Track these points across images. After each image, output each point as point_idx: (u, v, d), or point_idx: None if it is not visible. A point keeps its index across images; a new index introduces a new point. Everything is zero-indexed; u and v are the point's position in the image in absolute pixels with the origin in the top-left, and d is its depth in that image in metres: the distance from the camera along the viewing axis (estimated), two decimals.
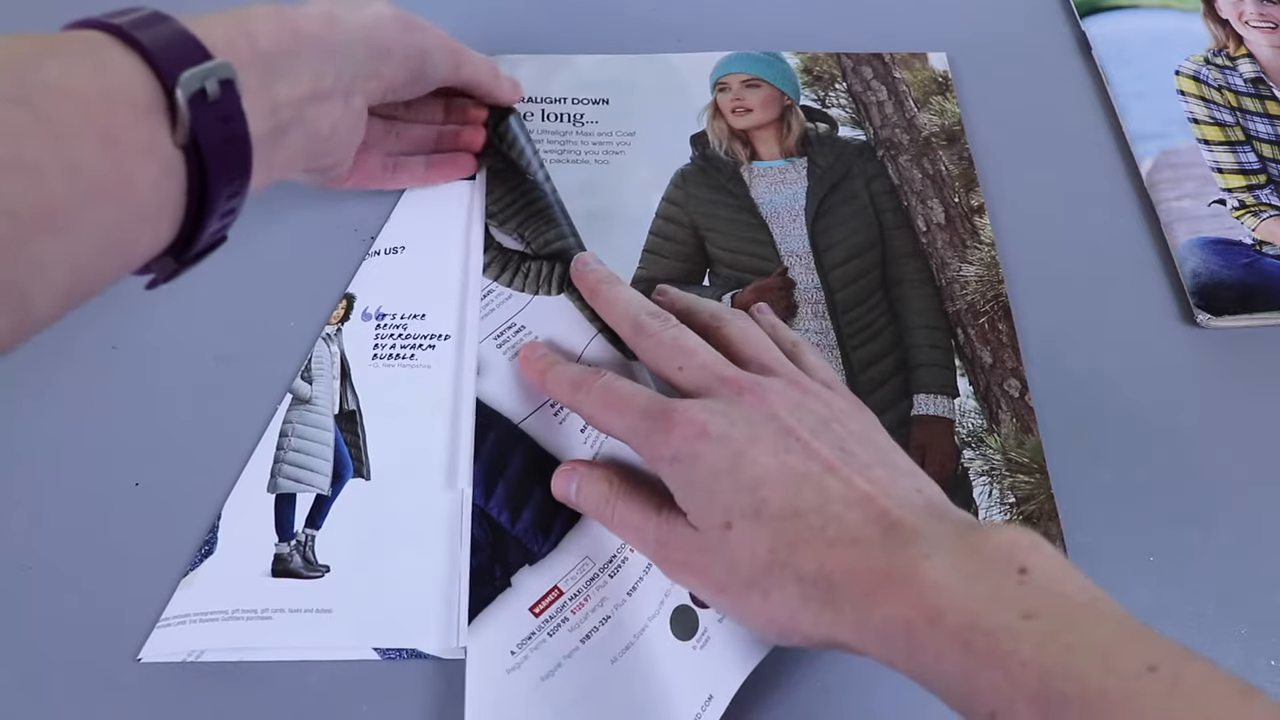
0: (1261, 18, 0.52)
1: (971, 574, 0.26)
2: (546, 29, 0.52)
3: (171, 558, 0.37)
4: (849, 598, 0.27)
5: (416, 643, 0.35)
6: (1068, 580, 0.26)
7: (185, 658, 0.35)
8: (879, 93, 0.50)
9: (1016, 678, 0.24)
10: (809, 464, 0.30)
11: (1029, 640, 0.24)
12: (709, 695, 0.33)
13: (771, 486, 0.30)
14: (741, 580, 0.30)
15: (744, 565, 0.30)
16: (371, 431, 0.40)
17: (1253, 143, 0.48)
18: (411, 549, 0.37)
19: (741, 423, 0.31)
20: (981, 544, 0.27)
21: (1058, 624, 0.24)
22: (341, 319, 0.42)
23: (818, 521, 0.29)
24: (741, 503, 0.30)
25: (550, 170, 0.46)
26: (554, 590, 0.36)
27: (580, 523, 0.37)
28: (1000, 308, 0.43)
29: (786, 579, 0.29)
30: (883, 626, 0.27)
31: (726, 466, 0.30)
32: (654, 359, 0.35)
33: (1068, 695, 0.23)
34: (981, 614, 0.25)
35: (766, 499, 0.29)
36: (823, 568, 0.28)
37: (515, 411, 0.39)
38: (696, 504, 0.31)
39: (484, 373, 0.40)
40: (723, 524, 0.30)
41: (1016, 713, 0.24)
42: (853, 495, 0.29)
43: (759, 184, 0.47)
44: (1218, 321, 0.43)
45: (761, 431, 0.31)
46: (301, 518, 0.38)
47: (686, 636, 0.34)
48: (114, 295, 0.43)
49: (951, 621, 0.25)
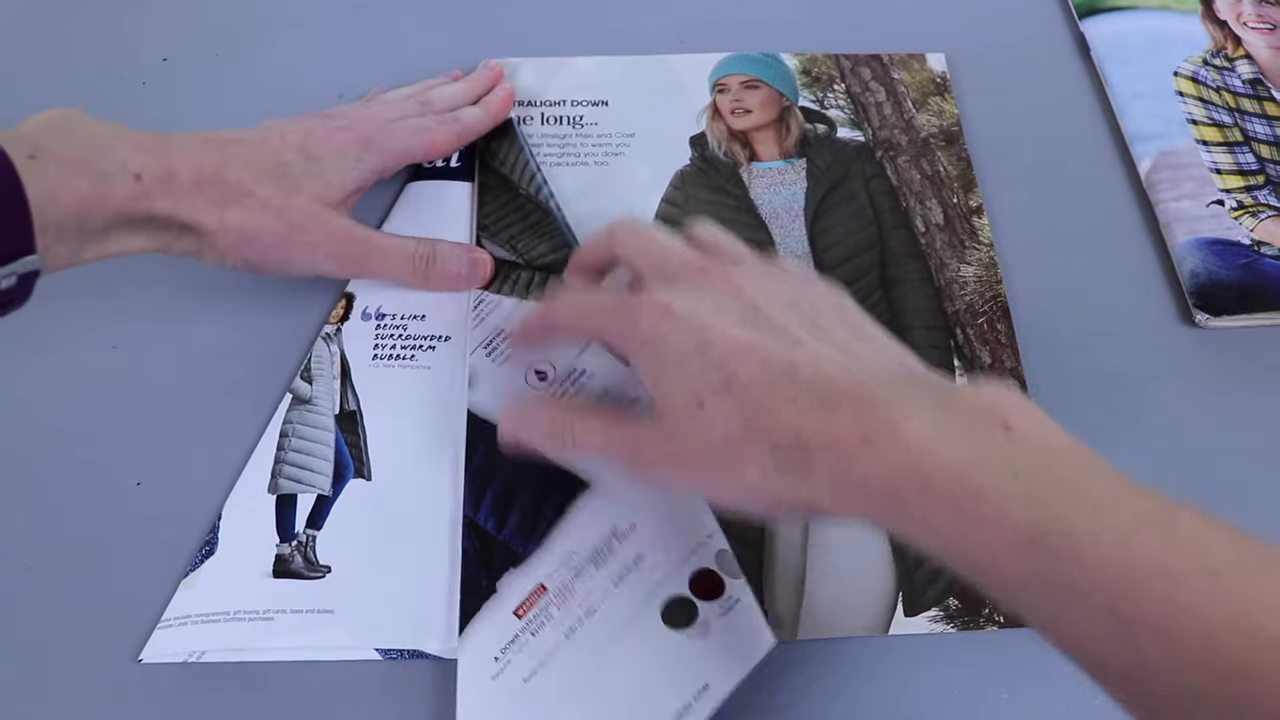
0: (1260, 19, 0.52)
1: (956, 433, 0.26)
2: (546, 31, 0.52)
3: (172, 558, 0.37)
4: (826, 462, 0.27)
5: (418, 643, 0.35)
6: (1052, 435, 0.26)
7: (186, 658, 0.35)
8: (877, 94, 0.50)
9: (1006, 535, 0.24)
10: (778, 338, 0.30)
11: (1017, 497, 0.24)
12: (704, 684, 0.33)
13: (740, 360, 0.29)
14: (716, 456, 0.29)
15: (718, 440, 0.29)
16: (372, 432, 0.40)
17: (1251, 143, 0.48)
18: (413, 549, 0.37)
19: (707, 300, 0.31)
20: (964, 402, 0.27)
21: (1045, 480, 0.24)
22: (341, 318, 0.42)
23: (789, 391, 0.28)
24: (712, 379, 0.29)
25: (550, 173, 0.47)
26: (538, 589, 0.36)
27: (565, 518, 0.37)
28: (999, 308, 0.43)
29: (760, 449, 0.28)
30: (863, 487, 0.26)
31: (694, 344, 0.30)
32: (629, 258, 0.35)
33: (1059, 550, 0.23)
34: (969, 474, 0.25)
35: (736, 372, 0.29)
36: (798, 434, 0.28)
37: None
38: (668, 386, 0.31)
39: (475, 383, 0.40)
40: (695, 403, 0.30)
41: (1006, 568, 0.24)
42: (825, 365, 0.29)
43: (758, 185, 0.47)
44: (1216, 322, 0.43)
45: (727, 307, 0.31)
46: (303, 518, 0.38)
47: (683, 626, 0.34)
48: (114, 295, 0.43)
49: (939, 483, 0.25)
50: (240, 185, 0.37)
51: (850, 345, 0.30)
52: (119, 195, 0.34)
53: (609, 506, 0.37)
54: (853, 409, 0.27)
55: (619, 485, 0.37)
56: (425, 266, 0.42)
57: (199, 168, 0.36)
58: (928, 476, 0.25)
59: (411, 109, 0.45)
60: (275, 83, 0.50)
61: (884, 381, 0.28)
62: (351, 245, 0.41)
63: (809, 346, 0.29)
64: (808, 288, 0.33)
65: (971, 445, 0.25)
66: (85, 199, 0.33)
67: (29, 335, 0.42)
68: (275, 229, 0.38)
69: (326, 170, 0.40)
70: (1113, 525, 0.23)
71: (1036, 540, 0.23)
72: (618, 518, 0.37)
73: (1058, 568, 0.23)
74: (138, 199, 0.35)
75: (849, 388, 0.28)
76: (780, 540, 0.38)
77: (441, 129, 0.44)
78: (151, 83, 0.50)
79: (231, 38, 0.52)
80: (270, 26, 0.52)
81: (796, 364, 0.29)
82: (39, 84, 0.49)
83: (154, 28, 0.52)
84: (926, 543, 0.26)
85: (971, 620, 0.36)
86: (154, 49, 0.51)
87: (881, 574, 0.37)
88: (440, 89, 0.47)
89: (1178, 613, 0.21)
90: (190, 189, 0.36)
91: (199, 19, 0.53)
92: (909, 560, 0.37)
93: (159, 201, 0.35)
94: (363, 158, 0.42)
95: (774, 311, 0.31)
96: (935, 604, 0.37)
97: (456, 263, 0.42)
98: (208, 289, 0.43)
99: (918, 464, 0.25)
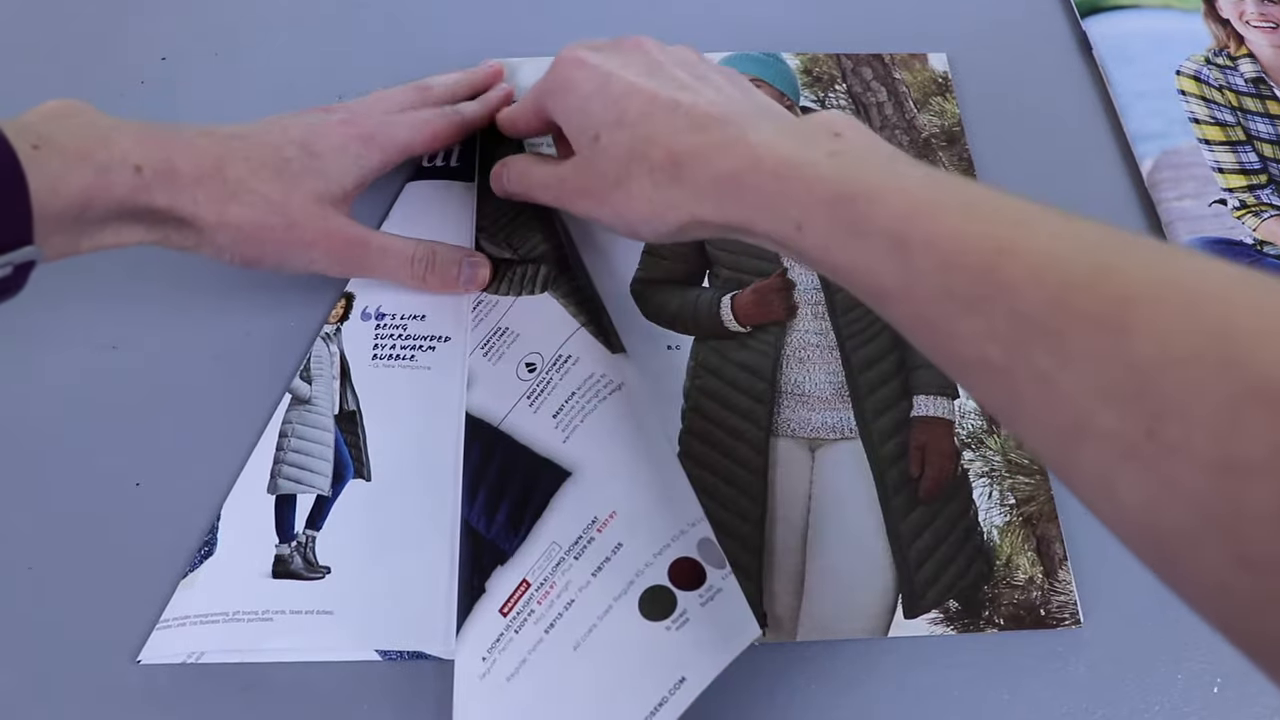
0: (1262, 17, 0.52)
1: (791, 136, 0.31)
2: (546, 31, 0.52)
3: (172, 558, 0.37)
4: (692, 171, 0.32)
5: (418, 645, 0.35)
6: (875, 141, 0.31)
7: (185, 659, 0.35)
8: (879, 94, 0.50)
9: (815, 190, 0.29)
10: (669, 83, 0.35)
11: (830, 166, 0.29)
12: (680, 677, 0.32)
13: (631, 99, 0.35)
14: (610, 181, 0.35)
15: (611, 168, 0.35)
16: (372, 432, 0.40)
17: (1254, 142, 0.48)
18: (413, 550, 0.37)
19: (614, 55, 0.37)
20: (804, 120, 0.32)
21: (857, 158, 0.29)
22: (341, 318, 0.42)
23: (668, 122, 0.34)
24: (607, 116, 0.35)
25: None
26: (522, 584, 0.35)
27: (548, 509, 0.36)
28: None
29: (642, 170, 0.34)
30: (717, 183, 0.32)
31: (596, 87, 0.36)
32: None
33: (854, 194, 0.28)
34: (793, 155, 0.30)
35: (627, 109, 0.35)
36: (670, 152, 0.33)
37: (495, 414, 0.39)
38: (573, 124, 0.37)
39: (473, 384, 0.40)
40: (593, 137, 0.36)
41: (815, 216, 0.29)
42: (701, 102, 0.34)
43: None
44: None
45: (631, 60, 0.37)
46: (302, 519, 0.38)
47: (660, 617, 0.33)
48: (114, 295, 0.43)
49: (768, 164, 0.30)
50: (240, 181, 0.37)
51: (727, 90, 0.35)
52: (119, 188, 0.34)
53: (590, 494, 0.36)
54: (717, 129, 0.32)
55: (601, 473, 0.37)
56: (423, 269, 0.42)
57: (199, 162, 0.36)
58: (760, 159, 0.31)
59: (411, 98, 0.45)
60: (274, 82, 0.50)
61: (747, 112, 0.33)
62: (350, 245, 0.40)
63: (694, 90, 0.35)
64: (712, 63, 0.38)
65: (801, 140, 0.31)
66: (86, 191, 0.33)
67: (29, 335, 0.42)
68: (274, 226, 0.38)
69: (328, 167, 0.40)
70: (905, 176, 0.28)
71: (839, 189, 0.28)
72: (599, 506, 0.36)
73: (852, 206, 0.28)
74: (137, 191, 0.35)
75: (717, 115, 0.33)
76: (779, 540, 0.38)
77: (442, 120, 0.44)
78: (150, 82, 0.50)
79: (231, 37, 0.52)
80: (269, 26, 0.52)
81: (679, 101, 0.34)
82: (38, 82, 0.49)
83: (153, 27, 0.52)
84: (758, 216, 0.31)
85: (971, 623, 0.36)
86: (153, 48, 0.51)
87: (881, 576, 0.37)
88: (436, 77, 0.47)
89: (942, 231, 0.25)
90: (190, 183, 0.36)
91: (198, 18, 0.53)
92: (909, 563, 0.37)
93: (159, 195, 0.35)
94: (363, 155, 0.42)
95: (671, 66, 0.36)
96: (935, 606, 0.37)
97: (455, 266, 0.42)
98: (207, 289, 0.43)
99: (756, 155, 0.31)
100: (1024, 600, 0.37)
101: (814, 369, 0.42)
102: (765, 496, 0.39)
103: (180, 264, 0.43)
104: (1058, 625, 0.36)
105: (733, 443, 0.40)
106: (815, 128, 0.31)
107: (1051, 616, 0.37)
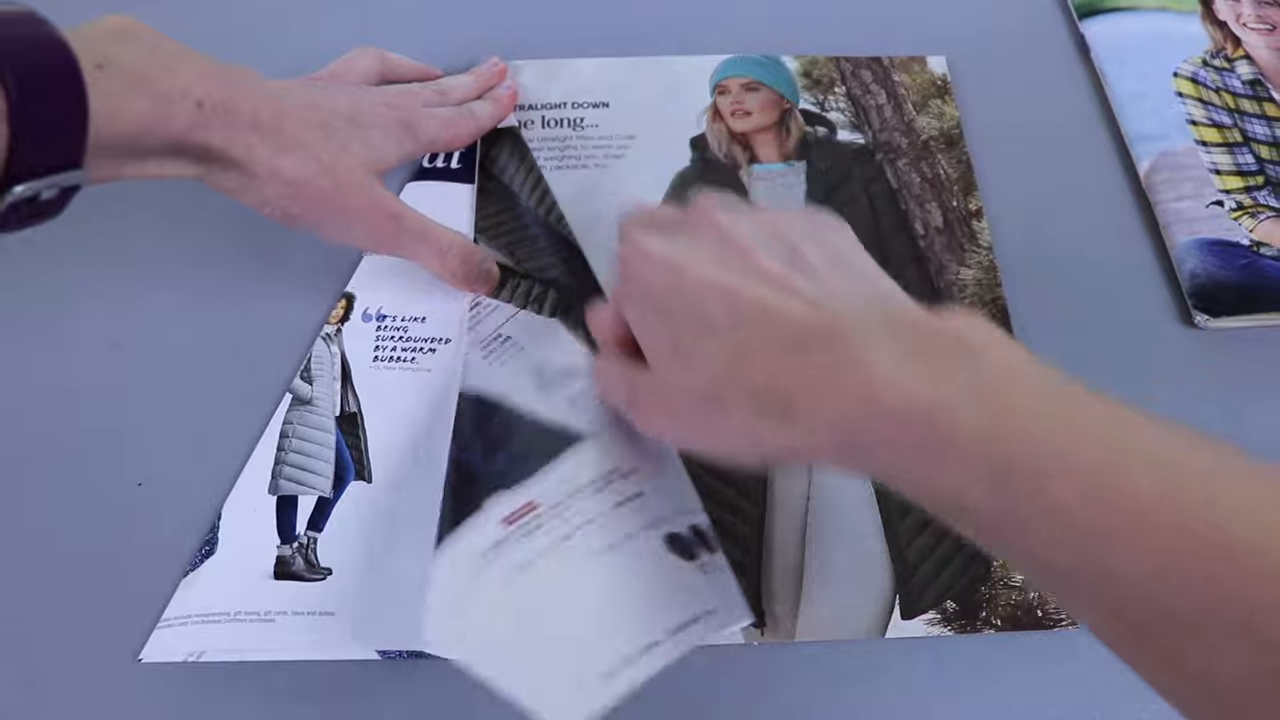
0: (1259, 20, 0.52)
1: (917, 360, 0.25)
2: (547, 33, 0.52)
3: (173, 558, 0.37)
4: (800, 405, 0.27)
5: (419, 644, 0.35)
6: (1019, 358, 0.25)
7: (186, 658, 0.35)
8: (878, 96, 0.50)
9: (961, 452, 0.23)
10: (752, 275, 0.29)
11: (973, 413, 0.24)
12: (707, 609, 0.31)
13: (712, 300, 0.29)
14: (698, 402, 0.29)
15: (698, 385, 0.29)
16: (373, 434, 0.40)
17: (1250, 144, 0.48)
18: (415, 552, 0.37)
19: (682, 241, 0.31)
20: (931, 333, 0.26)
21: (1006, 394, 0.24)
22: (341, 318, 0.43)
23: (762, 332, 0.28)
24: (688, 321, 0.30)
25: (551, 177, 0.47)
26: (528, 505, 0.34)
27: (560, 458, 0.35)
28: (998, 311, 0.43)
29: (739, 393, 0.28)
30: (834, 429, 0.26)
31: (668, 285, 0.30)
32: (625, 232, 0.34)
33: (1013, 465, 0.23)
34: (923, 395, 0.24)
35: (709, 313, 0.29)
36: (772, 378, 0.27)
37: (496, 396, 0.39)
38: (650, 331, 0.31)
39: (468, 377, 0.40)
40: (673, 347, 0.30)
41: (968, 488, 0.23)
42: (796, 306, 0.28)
43: (758, 187, 0.47)
44: (1216, 323, 0.43)
45: (704, 247, 0.31)
46: (303, 520, 0.38)
47: (688, 558, 0.32)
48: (115, 295, 0.43)
49: (894, 408, 0.25)
50: (295, 136, 0.37)
51: (825, 276, 0.29)
52: (178, 120, 0.34)
53: (611, 451, 0.35)
54: (822, 348, 0.27)
55: (621, 438, 0.36)
56: (456, 262, 0.41)
57: (256, 108, 0.36)
58: (884, 402, 0.25)
59: (433, 99, 0.46)
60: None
61: (854, 316, 0.27)
62: (389, 219, 0.40)
63: (784, 284, 0.29)
64: (793, 219, 0.32)
65: (931, 369, 0.25)
66: (145, 119, 0.33)
67: (30, 334, 0.42)
68: (322, 186, 0.38)
69: (371, 140, 0.41)
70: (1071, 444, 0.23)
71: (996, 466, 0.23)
72: (620, 460, 0.35)
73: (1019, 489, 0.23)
74: (194, 128, 0.34)
75: (817, 326, 0.27)
76: (778, 541, 0.38)
77: (462, 123, 0.45)
78: None
79: (231, 37, 0.52)
80: (270, 26, 0.53)
81: (767, 304, 0.28)
82: None
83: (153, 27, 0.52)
84: (896, 477, 0.26)
85: (969, 624, 0.36)
86: None
87: (879, 577, 0.37)
88: (452, 79, 0.48)
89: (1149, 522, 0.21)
90: (247, 126, 0.36)
91: (198, 18, 0.53)
92: (907, 563, 0.38)
93: (215, 133, 0.35)
94: (402, 140, 0.42)
95: (751, 247, 0.30)
96: (932, 607, 0.37)
97: (484, 261, 0.42)
98: (208, 288, 0.43)
99: (875, 393, 0.25)
100: (1021, 601, 0.37)
101: None
102: (764, 497, 0.39)
103: (181, 264, 0.43)
104: (1055, 626, 0.37)
105: None
106: (946, 343, 0.25)
107: (1049, 617, 0.37)
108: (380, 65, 0.46)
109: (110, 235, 0.44)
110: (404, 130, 0.42)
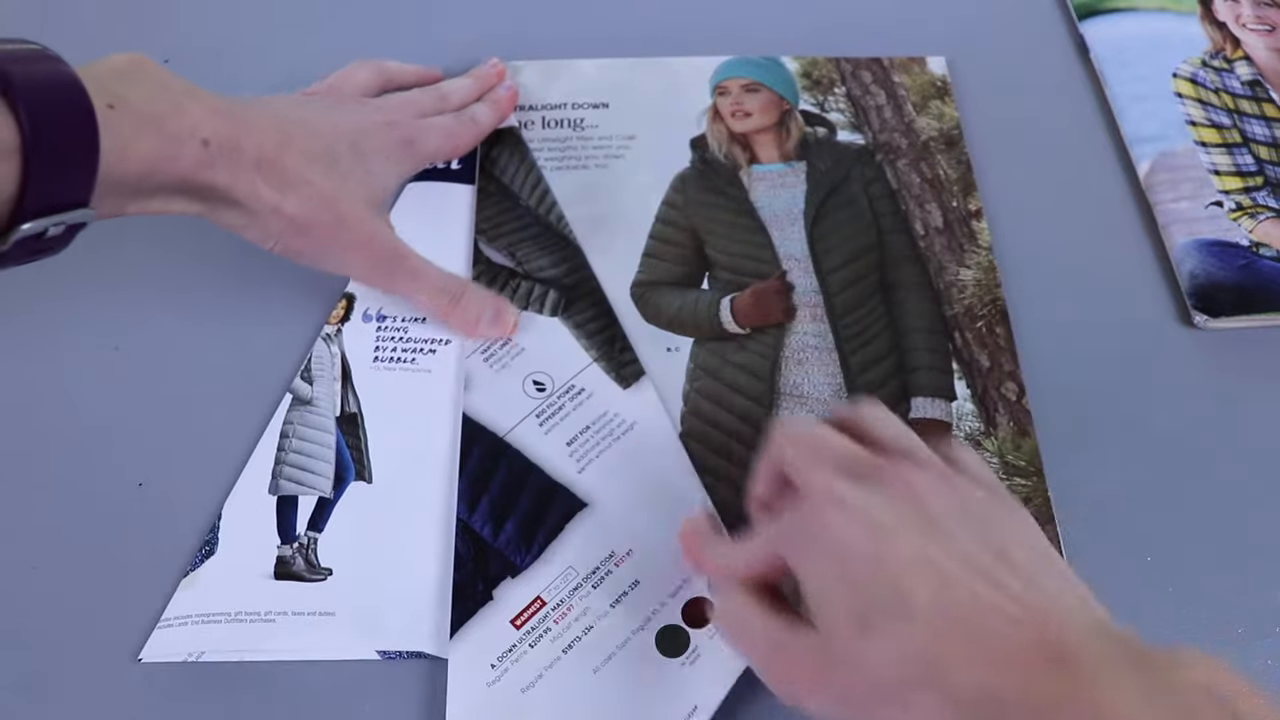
0: (1259, 20, 0.52)
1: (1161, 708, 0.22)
2: (548, 33, 0.52)
3: (174, 558, 0.37)
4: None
5: (419, 644, 0.35)
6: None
7: (186, 658, 0.35)
8: (878, 97, 0.50)
9: None
10: (959, 559, 0.26)
11: None
12: (693, 706, 0.33)
13: (919, 578, 0.25)
14: (877, 692, 0.25)
15: (883, 674, 0.25)
16: (373, 435, 0.40)
17: (1249, 145, 0.48)
18: (415, 552, 0.37)
19: (879, 501, 0.27)
20: (1176, 680, 0.23)
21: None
22: (341, 319, 0.43)
23: (974, 634, 0.24)
24: (883, 595, 0.25)
25: (551, 177, 0.47)
26: (536, 601, 0.36)
27: (563, 533, 0.37)
28: (998, 311, 0.43)
29: (937, 695, 0.24)
30: None
31: (863, 547, 0.26)
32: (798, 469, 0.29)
33: None
34: None
35: (913, 592, 0.25)
36: (987, 690, 0.23)
37: (500, 424, 0.40)
38: (828, 594, 0.26)
39: (471, 387, 0.40)
40: (859, 621, 0.25)
41: None
42: (1014, 608, 0.25)
43: (758, 188, 0.47)
44: (1215, 323, 0.43)
45: (905, 513, 0.26)
46: (304, 520, 0.38)
47: (675, 655, 0.35)
48: (116, 296, 0.43)
49: None
50: (297, 173, 0.37)
51: (1038, 579, 0.26)
52: (185, 160, 0.34)
53: (608, 529, 0.37)
54: (1048, 665, 0.23)
55: (618, 509, 0.38)
56: (447, 303, 0.41)
57: (260, 145, 0.36)
58: None
59: (435, 105, 0.46)
60: (276, 83, 0.50)
61: (1078, 631, 0.24)
62: (387, 257, 0.41)
63: (997, 581, 0.25)
64: (993, 505, 0.28)
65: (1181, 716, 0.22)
66: (152, 160, 0.33)
67: (31, 335, 0.42)
68: (325, 222, 0.38)
69: (373, 169, 0.41)
70: None
71: None
72: (616, 541, 0.37)
73: None
74: (201, 167, 0.35)
75: (1041, 638, 0.24)
76: None
77: (464, 130, 0.45)
78: None
79: (232, 38, 0.52)
80: (271, 27, 0.53)
81: (981, 598, 0.25)
82: None
83: (154, 27, 0.52)
84: None
85: None
86: (155, 49, 0.51)
87: None
88: (452, 83, 0.48)
89: None
90: (251, 166, 0.36)
91: (199, 18, 0.53)
92: None
93: (220, 173, 0.35)
94: (403, 161, 0.42)
95: (956, 529, 0.26)
96: None
97: (480, 307, 0.41)
98: (208, 289, 0.43)
99: None
100: None
101: (813, 371, 0.42)
102: None
103: (182, 265, 0.43)
104: None
105: (731, 445, 0.40)
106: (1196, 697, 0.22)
107: None
108: (378, 77, 0.46)
109: (112, 236, 0.44)
110: (406, 149, 0.43)
